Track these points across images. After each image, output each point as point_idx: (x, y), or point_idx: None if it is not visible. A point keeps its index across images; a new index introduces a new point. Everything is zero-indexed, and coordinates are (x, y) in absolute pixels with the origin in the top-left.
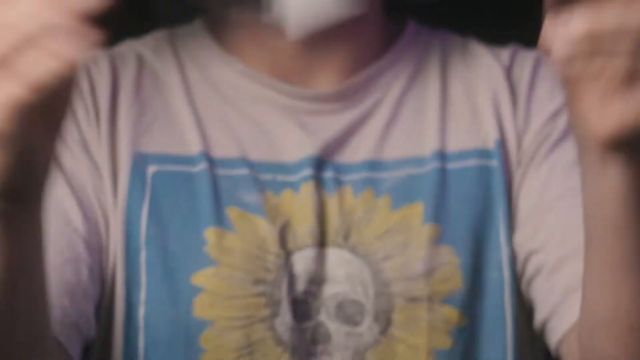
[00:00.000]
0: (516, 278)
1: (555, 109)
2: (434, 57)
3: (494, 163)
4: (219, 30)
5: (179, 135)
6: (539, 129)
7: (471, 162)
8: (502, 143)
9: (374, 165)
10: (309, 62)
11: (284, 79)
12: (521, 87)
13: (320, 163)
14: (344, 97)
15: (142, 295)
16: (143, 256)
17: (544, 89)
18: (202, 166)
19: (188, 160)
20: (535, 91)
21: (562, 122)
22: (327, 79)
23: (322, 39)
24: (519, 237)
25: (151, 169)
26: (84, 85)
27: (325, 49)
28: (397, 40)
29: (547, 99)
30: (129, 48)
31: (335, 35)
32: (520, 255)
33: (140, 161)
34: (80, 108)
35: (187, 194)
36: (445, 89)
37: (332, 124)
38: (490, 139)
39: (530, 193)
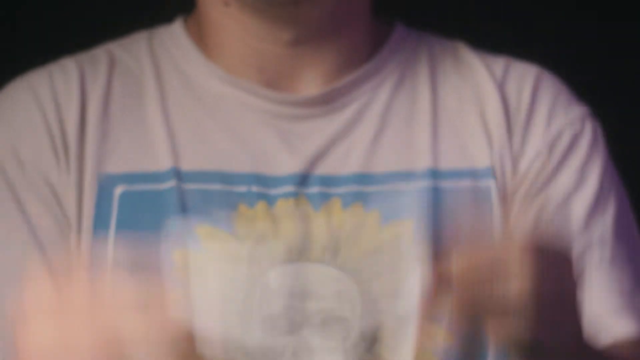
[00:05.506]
0: None
1: (553, 135)
2: (422, 62)
3: (488, 186)
4: (201, 34)
5: (149, 148)
6: (535, 156)
7: (465, 183)
8: (495, 168)
9: (363, 178)
10: (295, 66)
11: (267, 85)
12: (520, 110)
13: (305, 179)
14: (328, 101)
15: None
16: (108, 279)
17: (543, 111)
18: (170, 183)
19: (156, 177)
20: (534, 114)
21: (558, 151)
22: (312, 84)
23: (309, 41)
24: None
25: (118, 190)
26: (48, 104)
27: (312, 52)
28: (384, 44)
29: (547, 122)
30: (104, 50)
31: (322, 37)
32: None
33: (106, 183)
34: (45, 136)
35: (155, 214)
36: (436, 98)
37: (317, 131)
38: (481, 162)
39: (526, 227)
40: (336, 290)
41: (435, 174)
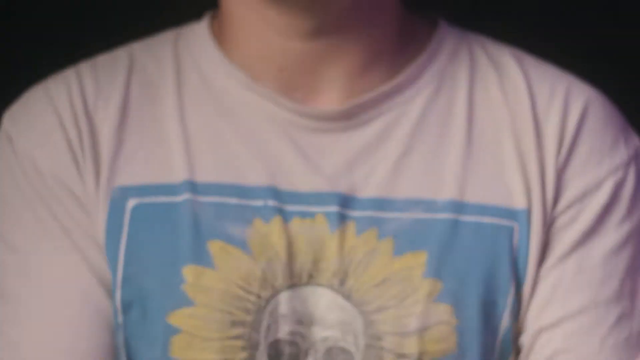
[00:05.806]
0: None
1: (592, 185)
2: (461, 74)
3: (514, 227)
4: (223, 31)
5: (165, 160)
6: (570, 204)
7: (488, 219)
8: (530, 210)
9: (382, 203)
10: (316, 64)
11: (287, 88)
12: (561, 149)
13: (324, 198)
14: (350, 116)
15: (122, 337)
16: (118, 296)
17: (586, 149)
18: (185, 196)
19: (171, 189)
20: (574, 155)
21: (595, 202)
22: (335, 89)
23: (331, 32)
24: (531, 318)
25: (131, 203)
26: (66, 114)
27: (334, 47)
28: (423, 49)
29: (586, 167)
30: (125, 53)
31: (344, 29)
32: (530, 330)
33: (119, 196)
34: (64, 147)
35: (168, 227)
36: (472, 120)
37: (339, 145)
38: (515, 201)
39: (551, 289)
40: (341, 320)
41: (457, 206)
